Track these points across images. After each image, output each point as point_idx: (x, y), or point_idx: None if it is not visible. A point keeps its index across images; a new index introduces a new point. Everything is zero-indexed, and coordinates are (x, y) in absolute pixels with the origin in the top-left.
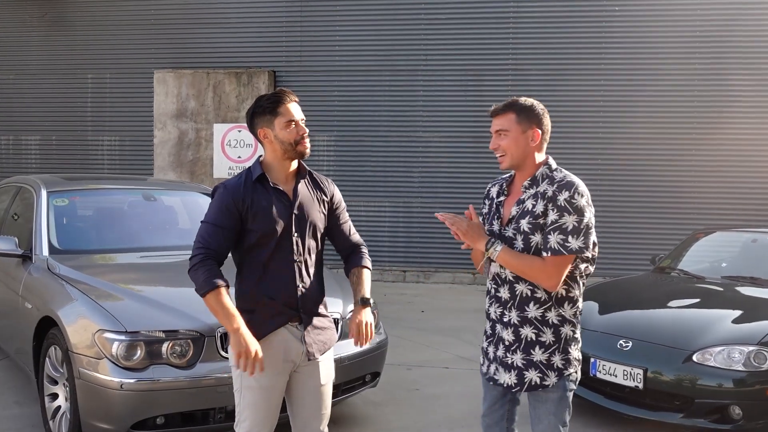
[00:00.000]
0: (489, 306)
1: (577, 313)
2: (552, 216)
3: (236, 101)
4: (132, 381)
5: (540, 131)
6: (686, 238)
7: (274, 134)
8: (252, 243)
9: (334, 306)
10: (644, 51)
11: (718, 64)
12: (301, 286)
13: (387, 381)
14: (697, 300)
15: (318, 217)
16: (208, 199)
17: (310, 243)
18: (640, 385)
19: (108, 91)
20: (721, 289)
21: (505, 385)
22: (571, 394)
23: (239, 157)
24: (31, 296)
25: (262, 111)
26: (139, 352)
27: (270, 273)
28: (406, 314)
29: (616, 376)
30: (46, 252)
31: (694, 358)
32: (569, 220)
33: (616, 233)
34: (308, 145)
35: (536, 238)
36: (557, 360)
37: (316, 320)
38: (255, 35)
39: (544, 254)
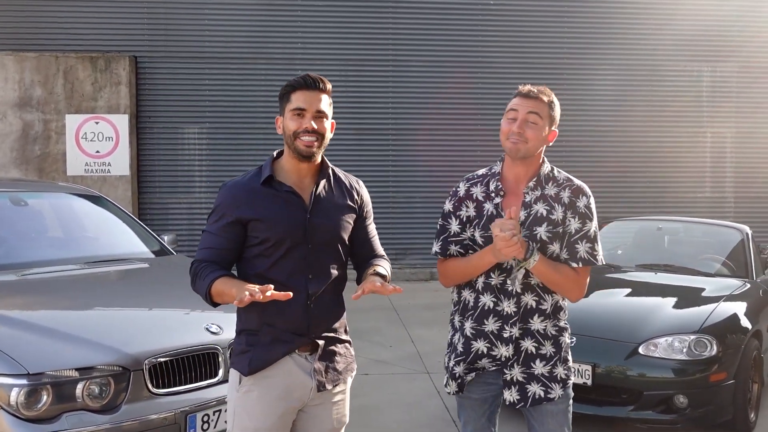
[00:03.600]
0: (473, 322)
1: (566, 319)
2: (575, 224)
3: (92, 89)
4: None
5: (556, 133)
6: None
7: (283, 123)
8: (254, 253)
9: None
10: (518, 44)
11: (590, 58)
12: (313, 306)
13: None
14: (629, 290)
15: (341, 225)
16: (82, 202)
17: (329, 256)
18: (589, 382)
19: None
20: (646, 279)
21: (507, 403)
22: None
23: (97, 151)
24: None
25: (280, 96)
26: (45, 398)
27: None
28: None
29: None
30: None
31: (640, 350)
32: (591, 228)
33: None
34: (314, 145)
35: (553, 248)
36: (560, 371)
37: (330, 344)
38: (112, 16)
39: (574, 264)
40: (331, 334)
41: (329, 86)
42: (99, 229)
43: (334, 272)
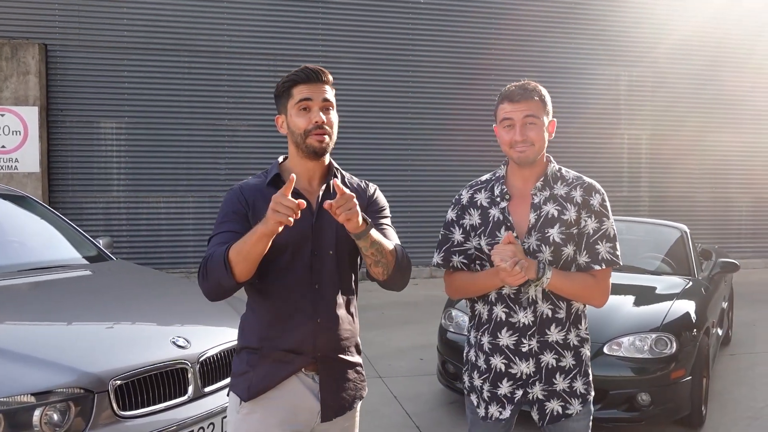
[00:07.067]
0: (489, 336)
1: (587, 328)
2: (592, 224)
3: None
4: None
5: (555, 121)
6: None
7: (288, 121)
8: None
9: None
10: (444, 44)
11: (514, 59)
12: (320, 321)
13: None
14: None
15: None
16: (3, 203)
17: (338, 264)
18: None
19: None
20: None
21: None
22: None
23: (3, 146)
24: None
25: (278, 92)
26: None
27: (275, 304)
28: None
29: None
30: None
31: (605, 349)
32: (609, 226)
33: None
34: (327, 140)
35: (568, 251)
36: (579, 385)
37: (338, 368)
38: None
39: (596, 267)
40: (341, 355)
41: (331, 78)
42: (26, 233)
43: (344, 283)
